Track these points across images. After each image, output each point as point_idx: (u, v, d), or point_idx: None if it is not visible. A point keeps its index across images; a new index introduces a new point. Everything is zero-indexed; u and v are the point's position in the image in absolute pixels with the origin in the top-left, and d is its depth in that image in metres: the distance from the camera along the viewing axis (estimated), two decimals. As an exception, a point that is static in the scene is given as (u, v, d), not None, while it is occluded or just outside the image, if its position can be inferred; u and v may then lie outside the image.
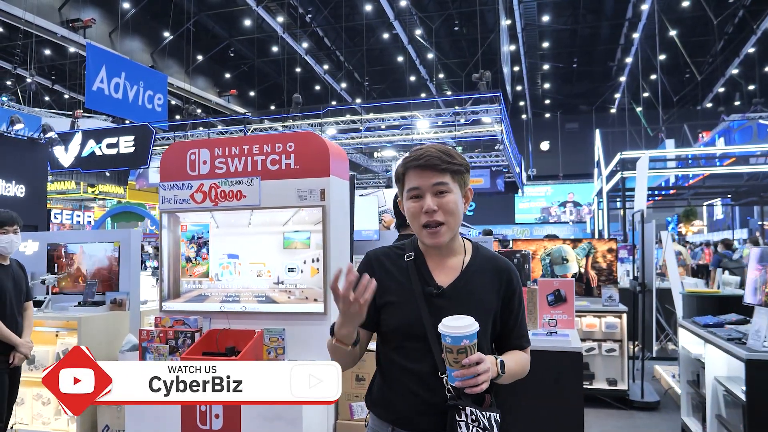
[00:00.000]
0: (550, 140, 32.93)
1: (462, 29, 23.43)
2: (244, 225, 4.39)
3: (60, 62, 22.29)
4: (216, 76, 25.99)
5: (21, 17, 15.91)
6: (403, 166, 1.74)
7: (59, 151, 15.27)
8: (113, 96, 14.86)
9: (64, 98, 24.63)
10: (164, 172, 4.57)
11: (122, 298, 4.80)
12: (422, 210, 1.67)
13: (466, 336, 1.49)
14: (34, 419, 4.67)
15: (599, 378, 5.71)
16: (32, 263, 5.12)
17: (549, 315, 3.74)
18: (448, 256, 1.76)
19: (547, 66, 27.39)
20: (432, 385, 1.63)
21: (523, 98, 29.94)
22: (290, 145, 4.30)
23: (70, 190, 20.95)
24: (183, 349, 3.95)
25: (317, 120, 17.64)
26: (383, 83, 28.19)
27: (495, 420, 1.59)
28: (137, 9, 19.94)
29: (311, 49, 23.86)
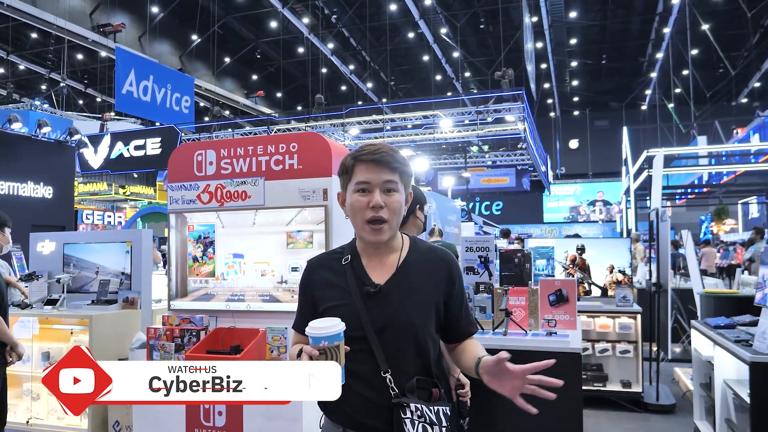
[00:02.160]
0: (579, 138, 32.49)
1: (488, 27, 23.28)
2: (248, 225, 4.44)
3: (92, 66, 22.80)
4: (243, 78, 26.30)
5: (53, 23, 16.30)
6: (353, 159, 1.71)
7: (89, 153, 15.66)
8: (142, 99, 15.13)
9: (96, 101, 25.19)
10: (172, 173, 4.63)
11: (134, 297, 4.89)
12: (369, 205, 1.66)
13: (326, 337, 1.49)
14: (49, 414, 4.78)
15: (613, 380, 5.61)
16: (49, 263, 5.26)
17: (550, 315, 3.69)
18: (385, 254, 1.75)
19: (575, 63, 27.03)
20: (376, 384, 1.63)
21: (551, 96, 29.61)
22: (293, 145, 4.32)
23: (102, 191, 21.48)
24: (188, 347, 4.00)
25: (340, 120, 17.70)
26: (409, 82, 28.18)
27: (444, 414, 1.59)
28: (166, 13, 20.27)
29: (337, 50, 23.97)
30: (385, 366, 1.61)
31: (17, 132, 9.99)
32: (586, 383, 5.54)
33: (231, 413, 3.76)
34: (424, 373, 1.67)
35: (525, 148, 19.60)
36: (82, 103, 25.85)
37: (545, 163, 23.84)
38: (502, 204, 29.37)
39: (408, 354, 1.66)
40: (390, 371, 1.62)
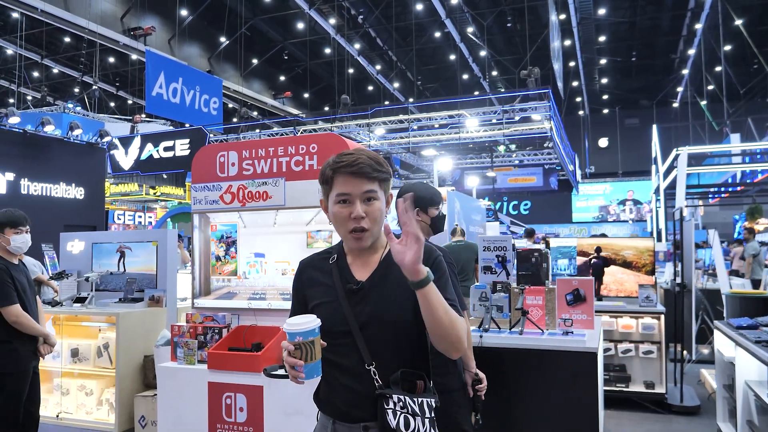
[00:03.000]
0: (608, 137, 32.05)
1: (515, 25, 23.13)
2: (269, 225, 4.52)
3: (123, 69, 23.25)
4: (271, 79, 26.55)
5: (85, 27, 16.68)
6: (332, 170, 1.76)
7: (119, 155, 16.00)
8: (171, 101, 15.41)
9: (127, 104, 25.68)
10: (196, 174, 4.73)
11: (159, 295, 5.01)
12: (350, 216, 1.72)
13: (300, 333, 1.57)
14: (78, 409, 4.93)
15: (636, 381, 5.56)
16: (78, 262, 5.41)
17: (567, 314, 3.69)
18: (369, 253, 1.82)
19: (605, 60, 26.67)
20: (361, 377, 1.69)
21: (580, 94, 29.27)
22: (313, 146, 4.39)
23: (133, 191, 21.90)
24: (211, 344, 4.08)
25: (365, 120, 17.76)
26: (436, 82, 28.14)
27: (428, 405, 1.65)
28: (194, 16, 20.58)
29: (363, 50, 24.05)
30: (369, 359, 1.68)
31: (50, 134, 10.26)
32: (608, 384, 5.50)
33: (251, 409, 3.82)
34: (408, 366, 1.72)
35: (552, 147, 19.42)
36: (113, 105, 26.39)
37: (573, 162, 23.58)
38: (530, 203, 29.14)
39: (390, 347, 1.71)
40: (374, 364, 1.69)
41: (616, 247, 5.78)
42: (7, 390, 3.63)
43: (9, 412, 3.63)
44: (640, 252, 5.68)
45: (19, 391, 3.68)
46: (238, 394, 3.80)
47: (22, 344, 3.71)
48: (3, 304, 3.62)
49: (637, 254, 5.67)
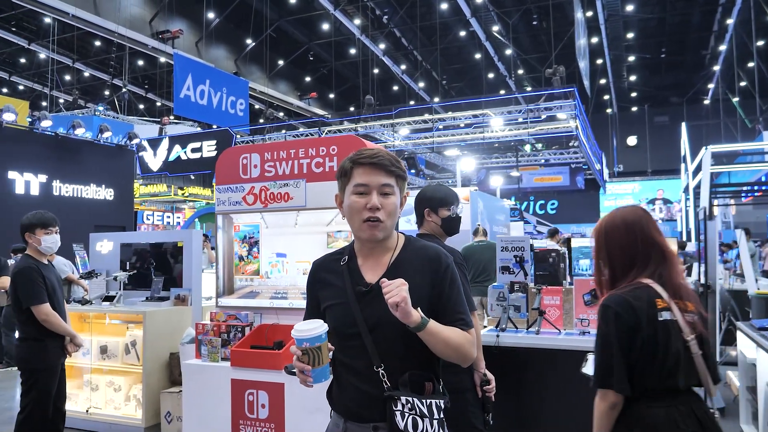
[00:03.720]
0: (637, 135, 31.60)
1: (541, 23, 22.96)
2: (291, 225, 4.59)
3: (151, 72, 23.66)
4: (296, 80, 26.76)
5: (115, 31, 17.02)
6: (352, 162, 1.79)
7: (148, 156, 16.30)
8: (199, 102, 15.65)
9: (156, 105, 26.11)
10: (219, 175, 4.83)
11: (185, 294, 5.12)
12: (366, 206, 1.74)
13: (307, 339, 1.60)
14: (107, 404, 5.06)
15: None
16: (107, 261, 5.56)
17: (585, 315, 3.69)
18: (380, 254, 1.83)
19: (633, 57, 26.31)
20: (370, 378, 1.71)
21: (608, 92, 28.92)
22: (333, 148, 4.45)
23: (162, 192, 22.27)
24: (234, 342, 4.16)
25: (389, 121, 17.81)
26: (461, 81, 28.07)
27: (436, 406, 1.67)
28: (221, 18, 20.85)
29: (388, 50, 24.10)
30: (378, 361, 1.71)
31: (80, 137, 10.51)
32: (630, 385, 5.45)
33: (273, 406, 3.89)
34: (417, 368, 1.73)
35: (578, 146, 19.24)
36: (142, 107, 26.86)
37: (600, 161, 23.31)
38: (557, 203, 28.89)
39: (399, 349, 1.72)
40: (383, 366, 1.70)
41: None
42: (38, 385, 3.76)
43: (40, 407, 3.76)
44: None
45: (49, 386, 3.81)
46: (260, 391, 3.87)
47: (52, 342, 3.84)
48: (34, 303, 3.75)
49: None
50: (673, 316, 1.98)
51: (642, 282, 2.04)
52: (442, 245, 3.17)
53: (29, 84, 24.64)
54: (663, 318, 1.98)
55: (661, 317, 1.98)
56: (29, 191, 9.40)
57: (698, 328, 2.01)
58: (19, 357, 3.82)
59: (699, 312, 2.05)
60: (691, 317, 2.01)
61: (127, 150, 11.45)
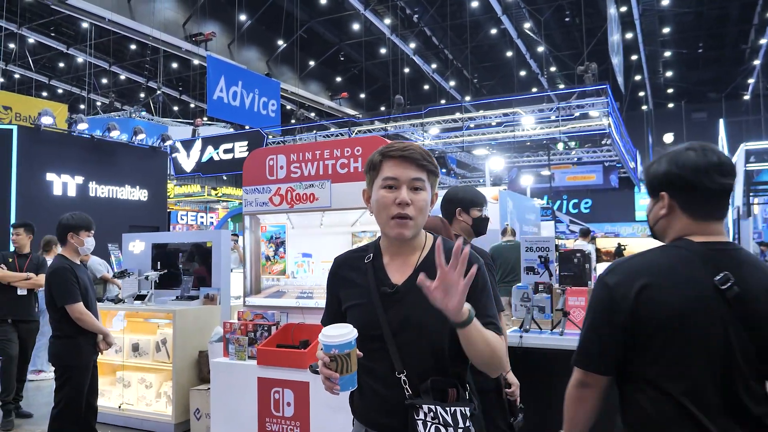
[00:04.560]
0: (674, 132, 30.94)
1: (573, 20, 22.67)
2: (316, 225, 4.63)
3: (185, 74, 24.06)
4: (327, 80, 26.93)
5: (149, 34, 17.36)
6: (381, 155, 1.71)
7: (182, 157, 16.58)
8: (231, 104, 15.86)
9: (190, 107, 26.55)
10: (246, 177, 4.90)
11: (214, 294, 5.21)
12: (395, 201, 1.64)
13: (336, 345, 1.51)
14: (138, 401, 5.18)
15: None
16: (139, 261, 5.69)
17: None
18: (407, 253, 1.74)
19: (669, 53, 25.78)
20: (392, 384, 1.63)
21: (643, 88, 28.40)
22: (358, 149, 4.49)
23: (196, 193, 22.64)
24: (261, 340, 4.22)
25: (419, 120, 17.80)
26: (492, 79, 27.87)
27: (461, 414, 1.57)
28: (253, 20, 21.10)
29: (419, 49, 24.08)
30: (400, 366, 1.61)
31: (116, 139, 10.75)
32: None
33: (299, 404, 3.94)
34: (441, 374, 1.64)
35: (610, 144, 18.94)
36: (177, 109, 27.34)
37: (634, 159, 22.90)
38: (590, 202, 28.48)
39: (423, 355, 1.63)
40: (405, 371, 1.61)
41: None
42: (72, 381, 3.88)
43: (73, 402, 3.88)
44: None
45: (82, 382, 3.92)
46: (286, 389, 3.92)
47: (85, 340, 3.96)
48: (68, 302, 3.87)
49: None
50: None
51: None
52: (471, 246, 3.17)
53: (68, 87, 25.29)
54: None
55: None
56: (66, 192, 9.65)
57: None
58: (53, 354, 3.94)
59: None
60: None
61: (160, 151, 11.67)
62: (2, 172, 9.04)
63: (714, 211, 1.67)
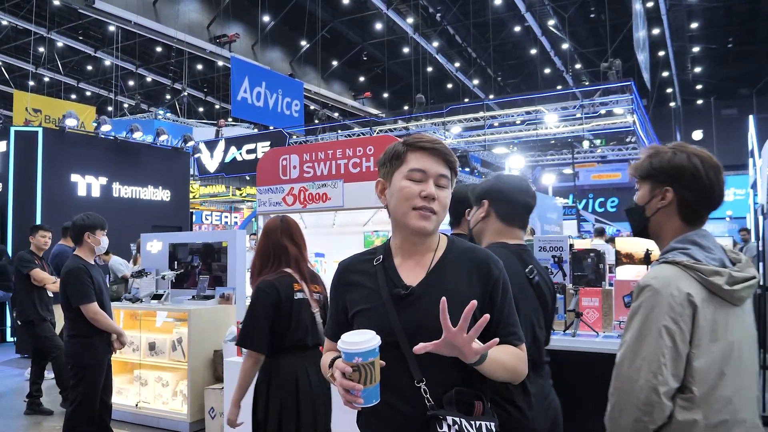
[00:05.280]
0: (703, 129, 30.31)
1: (599, 15, 22.35)
2: (329, 225, 4.65)
3: (210, 75, 24.32)
4: (351, 80, 26.99)
5: (174, 36, 17.58)
6: (406, 145, 1.60)
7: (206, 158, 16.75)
8: (255, 104, 15.98)
9: (215, 108, 26.82)
10: (260, 177, 4.92)
11: (229, 293, 5.23)
12: (421, 194, 1.54)
13: (359, 353, 1.37)
14: (155, 399, 5.23)
15: (714, 387, 5.26)
16: (157, 260, 5.74)
17: (625, 317, 3.56)
18: (421, 253, 1.62)
19: (697, 48, 25.27)
20: (409, 396, 1.49)
21: (671, 85, 27.89)
22: (370, 148, 4.47)
23: (221, 193, 22.87)
24: (273, 341, 4.21)
25: (440, 119, 17.72)
26: (517, 77, 27.64)
27: (487, 429, 1.44)
28: (276, 21, 21.23)
29: (442, 48, 23.98)
30: (420, 375, 1.48)
31: (138, 140, 10.89)
32: (682, 390, 5.25)
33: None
34: (464, 384, 1.51)
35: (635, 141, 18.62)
36: (201, 110, 27.64)
37: (661, 157, 22.44)
38: (617, 200, 28.04)
39: (444, 362, 1.46)
40: (425, 381, 1.48)
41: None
42: (87, 380, 3.92)
43: (88, 399, 3.93)
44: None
45: (97, 380, 3.96)
46: (297, 389, 3.90)
47: (99, 339, 4.00)
48: (83, 301, 3.91)
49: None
50: (305, 295, 2.79)
51: (285, 271, 2.80)
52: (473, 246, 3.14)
53: (96, 90, 25.74)
54: (297, 297, 2.75)
55: (297, 296, 2.75)
56: (90, 193, 9.81)
57: (322, 303, 2.85)
58: (68, 353, 3.99)
59: (323, 293, 2.91)
60: (317, 296, 2.85)
61: (182, 152, 11.79)
62: (28, 174, 9.23)
63: (519, 221, 2.26)
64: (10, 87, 23.57)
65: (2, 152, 9.41)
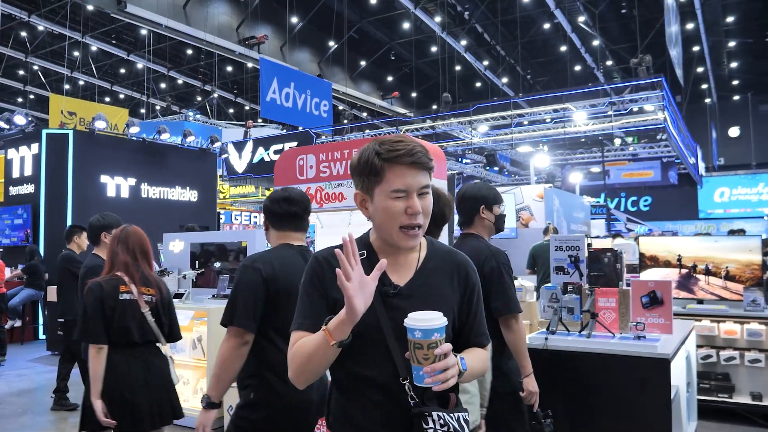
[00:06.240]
0: (740, 125, 29.55)
1: (630, 11, 21.95)
2: (345, 225, 4.63)
3: (239, 77, 24.57)
4: (379, 80, 27.00)
5: (204, 39, 17.82)
6: (383, 159, 1.53)
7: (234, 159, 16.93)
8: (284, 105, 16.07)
9: (244, 110, 27.11)
10: (278, 177, 4.95)
11: (248, 293, 5.27)
12: (407, 211, 1.52)
13: (437, 329, 1.40)
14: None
15: (741, 391, 5.13)
16: (179, 260, 5.82)
17: (643, 318, 3.49)
18: (403, 253, 1.63)
19: (734, 43, 24.64)
20: (394, 392, 1.52)
21: (706, 81, 27.24)
22: (385, 147, 4.45)
23: (250, 193, 23.10)
24: (290, 340, 4.22)
25: (467, 118, 17.59)
26: (547, 75, 27.31)
27: (464, 420, 1.49)
28: (304, 22, 21.35)
29: (470, 46, 23.83)
30: (405, 372, 1.50)
31: (166, 142, 11.06)
32: (708, 393, 5.13)
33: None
34: None
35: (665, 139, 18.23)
36: (231, 111, 27.97)
37: (695, 155, 21.95)
38: (650, 199, 27.55)
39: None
40: (409, 378, 1.49)
41: (716, 260, 5.32)
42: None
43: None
44: (743, 266, 5.22)
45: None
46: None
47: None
48: None
49: (740, 268, 5.21)
50: (132, 296, 3.10)
51: (116, 274, 3.14)
52: (488, 245, 3.11)
53: (129, 92, 26.24)
54: (123, 297, 3.08)
55: (122, 297, 3.08)
56: (119, 194, 10.00)
57: (153, 305, 3.17)
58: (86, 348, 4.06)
59: (156, 295, 3.20)
60: (148, 298, 3.16)
61: (209, 153, 11.95)
62: (59, 175, 9.46)
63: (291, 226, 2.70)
64: (46, 90, 24.17)
65: (34, 154, 9.66)
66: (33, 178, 9.63)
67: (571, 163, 23.20)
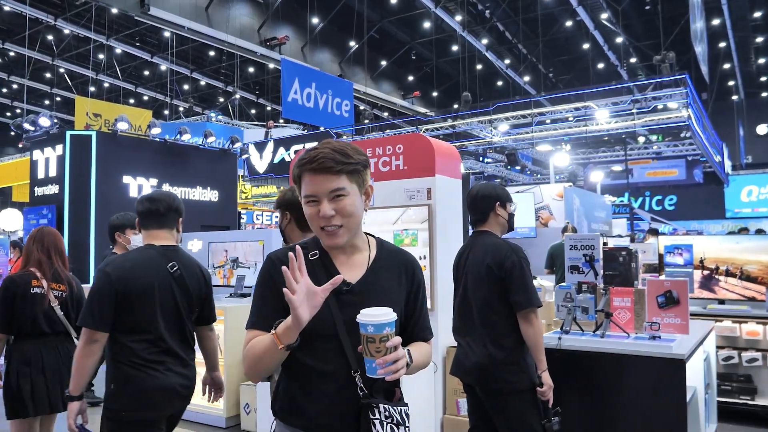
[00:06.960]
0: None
1: (654, 7, 21.64)
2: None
3: (261, 78, 24.75)
4: (400, 80, 26.98)
5: (225, 40, 17.98)
6: (298, 168, 1.65)
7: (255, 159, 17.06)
8: (306, 105, 16.17)
9: (266, 110, 27.29)
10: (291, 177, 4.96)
11: (265, 291, 5.31)
12: (319, 214, 1.61)
13: (388, 323, 1.48)
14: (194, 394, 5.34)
15: (764, 393, 5.03)
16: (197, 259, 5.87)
17: (659, 318, 3.44)
18: (352, 253, 1.73)
19: (761, 38, 24.17)
20: (345, 384, 1.61)
21: (733, 77, 26.75)
22: (399, 146, 4.46)
23: (272, 193, 23.26)
24: (305, 339, 4.24)
25: (486, 117, 17.48)
26: (569, 73, 27.05)
27: (406, 414, 1.58)
28: (325, 22, 21.43)
29: (491, 45, 23.69)
30: (356, 365, 1.59)
31: (187, 142, 11.18)
32: (730, 395, 5.04)
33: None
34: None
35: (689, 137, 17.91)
36: (253, 112, 28.17)
37: (720, 153, 21.54)
38: (675, 198, 27.11)
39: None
40: (360, 371, 1.58)
41: (737, 262, 5.22)
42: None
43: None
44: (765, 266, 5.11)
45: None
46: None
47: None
48: None
49: (762, 269, 5.11)
50: (42, 290, 3.45)
51: (30, 270, 3.50)
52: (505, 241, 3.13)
53: (152, 94, 26.59)
54: (34, 291, 3.43)
55: (33, 291, 3.43)
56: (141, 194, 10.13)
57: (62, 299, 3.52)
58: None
59: (66, 291, 3.56)
60: (58, 293, 3.51)
61: (230, 153, 12.05)
62: (83, 176, 9.61)
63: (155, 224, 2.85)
64: (72, 93, 24.59)
65: (59, 156, 9.83)
66: (57, 178, 9.81)
67: (593, 162, 22.94)
